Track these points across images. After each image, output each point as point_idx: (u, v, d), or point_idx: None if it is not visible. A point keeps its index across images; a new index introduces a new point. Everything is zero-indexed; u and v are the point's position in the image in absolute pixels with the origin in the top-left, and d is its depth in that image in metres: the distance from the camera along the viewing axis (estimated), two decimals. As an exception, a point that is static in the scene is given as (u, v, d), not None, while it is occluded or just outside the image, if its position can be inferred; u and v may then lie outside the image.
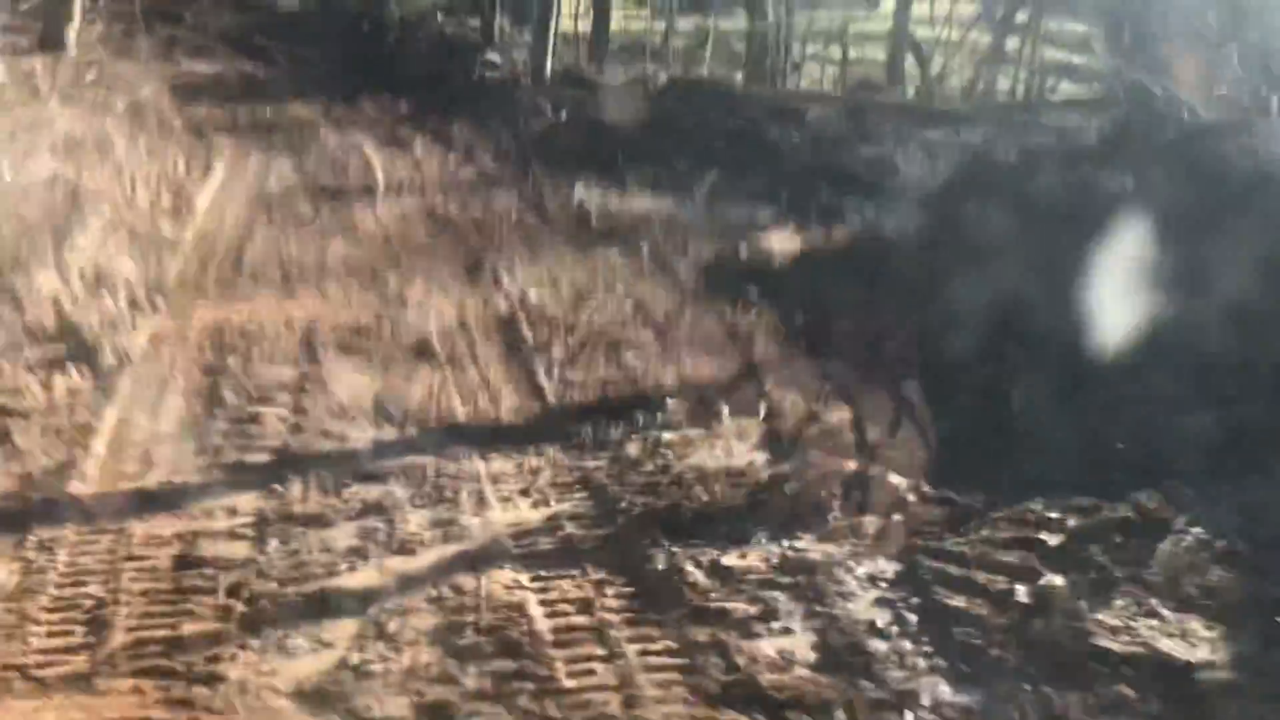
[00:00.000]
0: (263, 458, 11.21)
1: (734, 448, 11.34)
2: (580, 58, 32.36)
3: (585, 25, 33.81)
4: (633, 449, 11.35)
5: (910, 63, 34.98)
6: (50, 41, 26.66)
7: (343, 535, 9.68)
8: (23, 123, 20.65)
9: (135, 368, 12.91)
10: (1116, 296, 12.23)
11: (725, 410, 11.93)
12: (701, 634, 8.11)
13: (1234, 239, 12.62)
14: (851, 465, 10.79)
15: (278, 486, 10.50)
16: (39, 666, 7.68)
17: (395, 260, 17.39)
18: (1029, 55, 36.76)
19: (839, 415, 11.84)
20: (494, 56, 29.98)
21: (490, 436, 11.65)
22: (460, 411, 11.95)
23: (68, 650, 7.92)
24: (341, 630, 8.20)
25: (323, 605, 8.53)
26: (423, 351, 13.57)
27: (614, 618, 8.43)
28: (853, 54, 35.41)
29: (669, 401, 12.11)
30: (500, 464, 11.09)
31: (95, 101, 23.36)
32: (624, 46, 34.34)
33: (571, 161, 23.58)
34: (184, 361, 13.21)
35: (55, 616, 8.33)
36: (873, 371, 12.15)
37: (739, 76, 33.28)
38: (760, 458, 11.15)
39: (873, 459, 10.93)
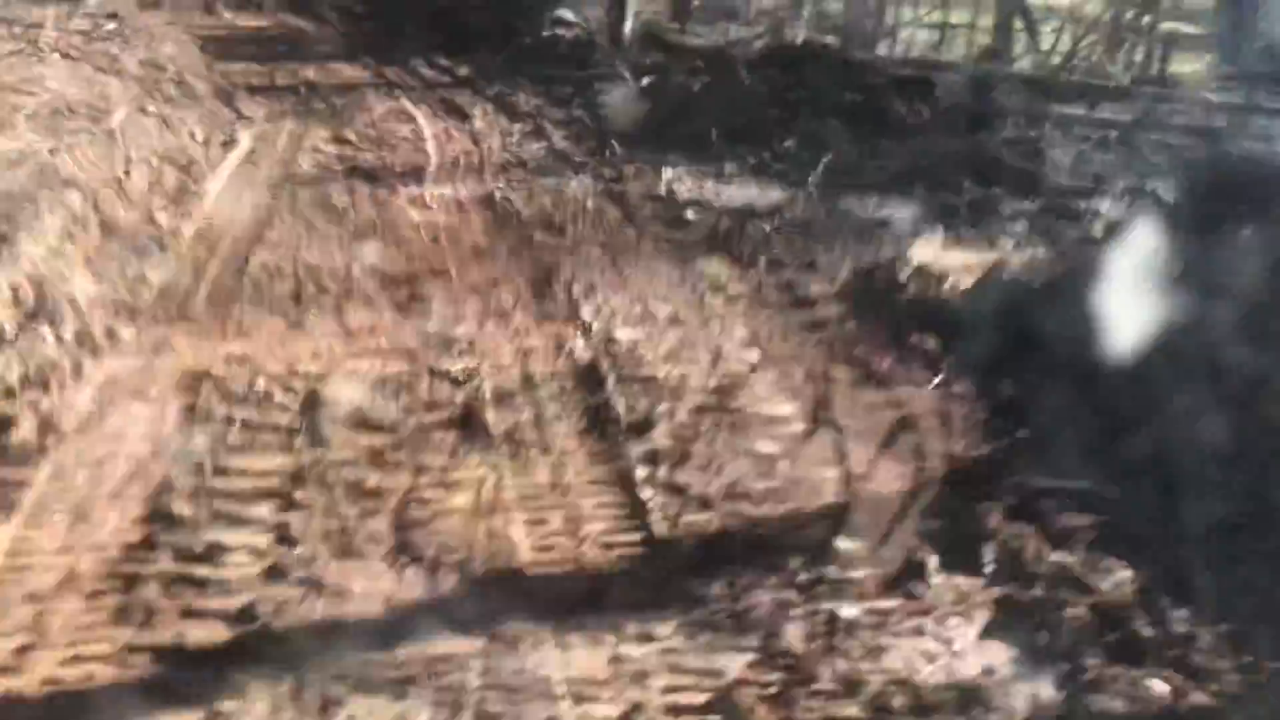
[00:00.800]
0: (215, 632, 6.76)
1: (955, 637, 6.75)
2: (660, 17, 27.53)
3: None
4: (794, 635, 6.78)
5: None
6: (69, -11, 22.23)
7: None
8: (4, 84, 16.22)
9: (62, 450, 8.47)
10: None
11: (932, 561, 7.32)
12: None
13: None
14: (1162, 689, 6.17)
15: (225, 708, 6.06)
16: None
17: (442, 272, 12.86)
18: (1147, 25, 31.64)
19: (1118, 578, 7.16)
20: (566, 13, 25.20)
21: (569, 598, 7.12)
22: (523, 545, 7.38)
23: None
24: None
25: None
26: (468, 426, 9.05)
27: None
28: (954, 18, 30.47)
29: (841, 543, 7.50)
30: (586, 659, 6.57)
31: (104, 59, 18.87)
32: (707, 5, 29.45)
33: (656, 139, 18.94)
34: (135, 438, 8.75)
35: None
36: (1167, 503, 7.44)
37: (835, 41, 28.26)
38: (1003, 658, 6.56)
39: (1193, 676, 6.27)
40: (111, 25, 20.87)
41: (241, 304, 11.61)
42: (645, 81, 21.96)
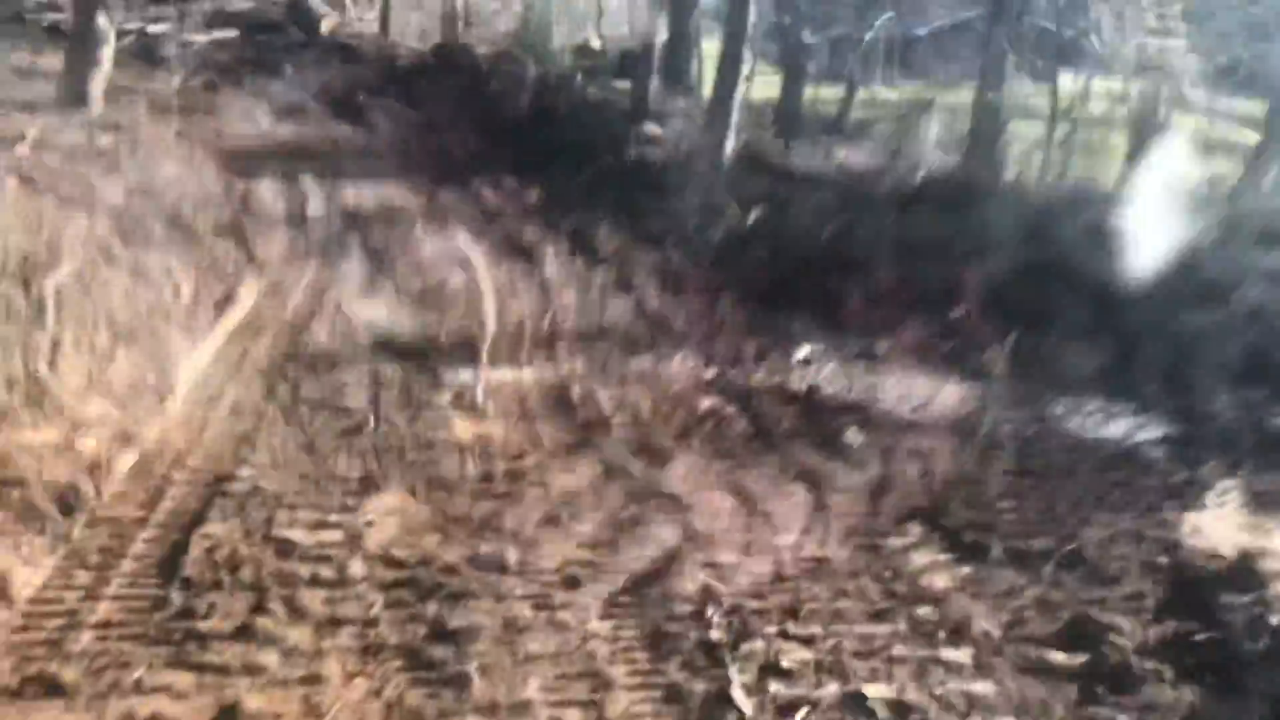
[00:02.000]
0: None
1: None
2: (761, 132, 22.42)
3: (762, 90, 23.76)
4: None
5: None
6: (70, 96, 17.35)
7: None
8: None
9: None
10: None
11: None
12: None
13: None
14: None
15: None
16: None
17: (497, 555, 7.60)
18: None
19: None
20: (653, 128, 20.05)
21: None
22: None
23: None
24: None
25: None
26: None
27: None
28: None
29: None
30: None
31: (76, 187, 13.88)
32: (811, 117, 24.33)
33: (778, 296, 13.69)
34: None
35: None
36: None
37: (948, 159, 22.95)
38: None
39: None
40: (107, 139, 15.91)
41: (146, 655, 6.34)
42: (754, 216, 16.74)
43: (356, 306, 12.76)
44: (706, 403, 10.67)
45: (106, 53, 17.53)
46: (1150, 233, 13.34)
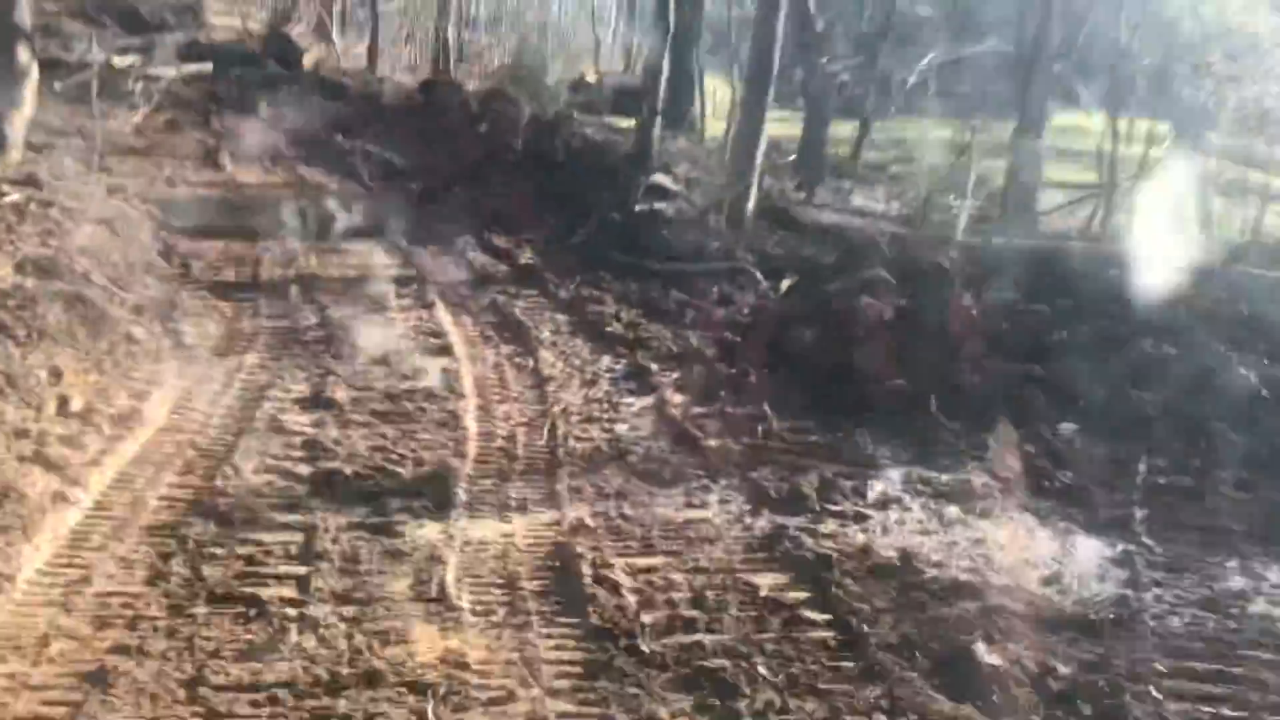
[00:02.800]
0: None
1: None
2: (778, 179, 19.07)
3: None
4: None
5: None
6: (-14, 138, 13.93)
7: None
8: None
9: None
10: None
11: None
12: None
13: None
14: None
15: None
16: None
17: None
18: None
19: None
20: (661, 178, 16.63)
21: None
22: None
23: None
24: None
25: None
26: None
27: None
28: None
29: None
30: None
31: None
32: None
33: (831, 394, 10.32)
34: None
35: None
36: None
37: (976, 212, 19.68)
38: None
39: None
40: (14, 196, 12.46)
41: None
42: (786, 285, 13.36)
43: (300, 419, 9.31)
44: (766, 584, 7.25)
45: (28, 91, 14.08)
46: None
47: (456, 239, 15.43)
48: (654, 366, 11.10)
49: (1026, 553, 7.88)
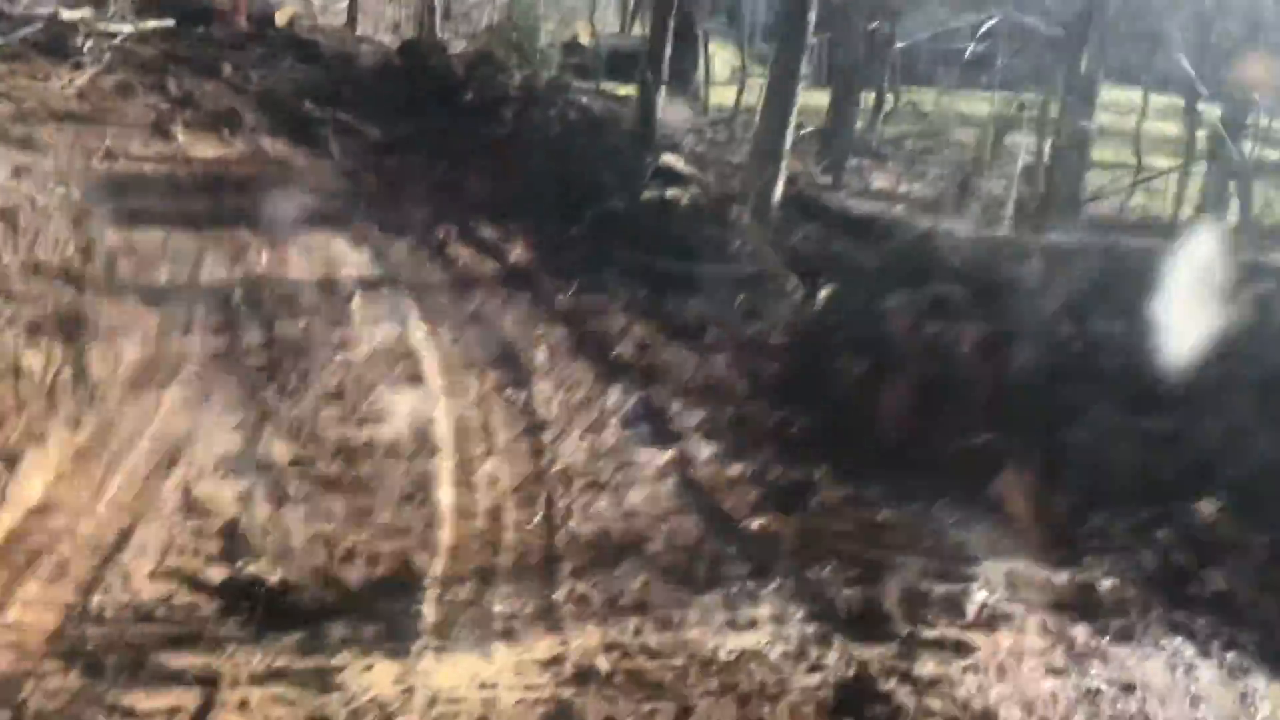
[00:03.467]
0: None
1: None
2: (800, 162, 16.42)
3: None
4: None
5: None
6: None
7: None
8: None
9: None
10: None
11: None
12: None
13: None
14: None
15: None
16: None
17: None
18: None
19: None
20: (672, 159, 14.07)
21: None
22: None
23: None
24: None
25: None
26: None
27: None
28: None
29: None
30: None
31: None
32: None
33: (905, 459, 7.88)
34: None
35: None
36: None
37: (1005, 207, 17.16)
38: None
39: None
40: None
41: None
42: (824, 293, 10.91)
43: (222, 493, 6.84)
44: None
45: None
46: None
47: (436, 228, 12.88)
48: (674, 406, 8.66)
49: (1197, 711, 5.50)
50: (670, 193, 12.97)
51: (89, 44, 19.05)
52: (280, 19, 23.23)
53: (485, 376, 9.12)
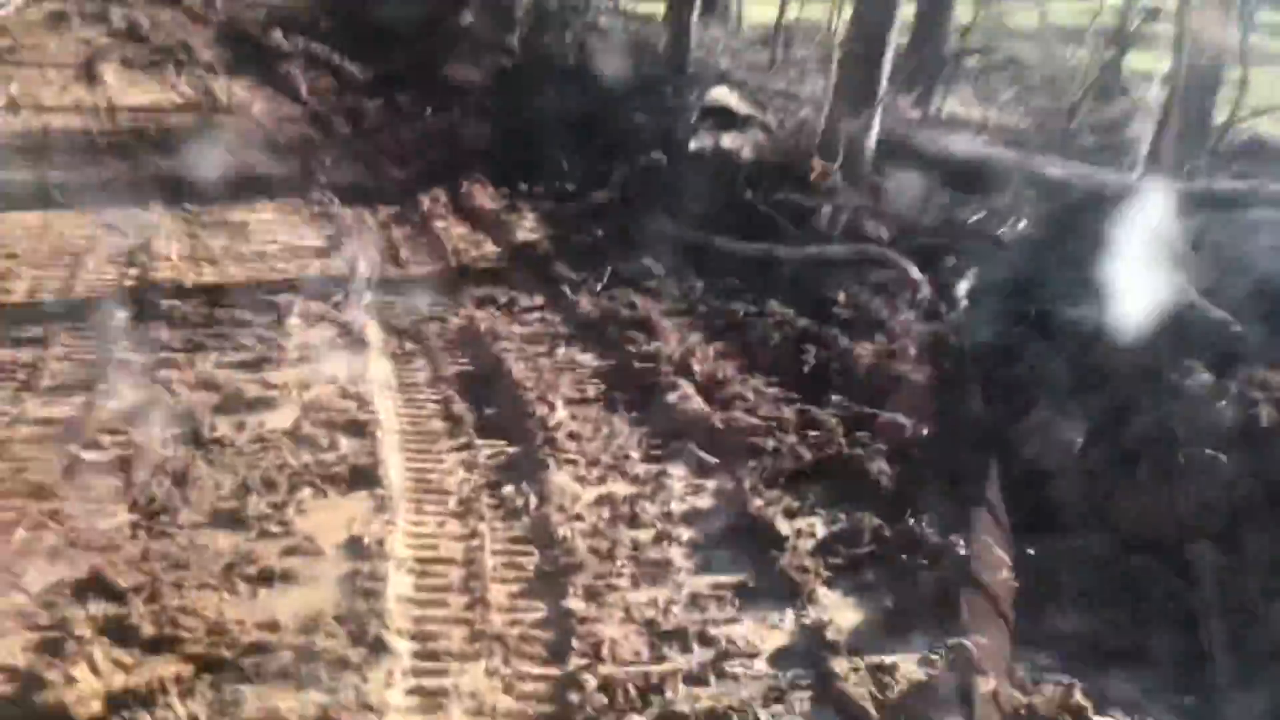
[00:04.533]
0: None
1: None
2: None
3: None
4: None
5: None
6: None
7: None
8: None
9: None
10: None
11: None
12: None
13: None
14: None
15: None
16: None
17: None
18: None
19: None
20: (727, 96, 10.04)
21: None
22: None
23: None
24: None
25: None
26: None
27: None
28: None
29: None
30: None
31: None
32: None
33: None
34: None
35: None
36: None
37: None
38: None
39: None
40: None
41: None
42: (964, 287, 7.02)
43: None
44: None
45: None
46: None
47: (419, 194, 9.03)
48: (779, 521, 4.89)
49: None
50: (727, 141, 9.01)
51: (27, -31, 15.04)
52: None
53: (474, 452, 5.39)
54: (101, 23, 13.76)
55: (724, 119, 9.69)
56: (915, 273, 7.06)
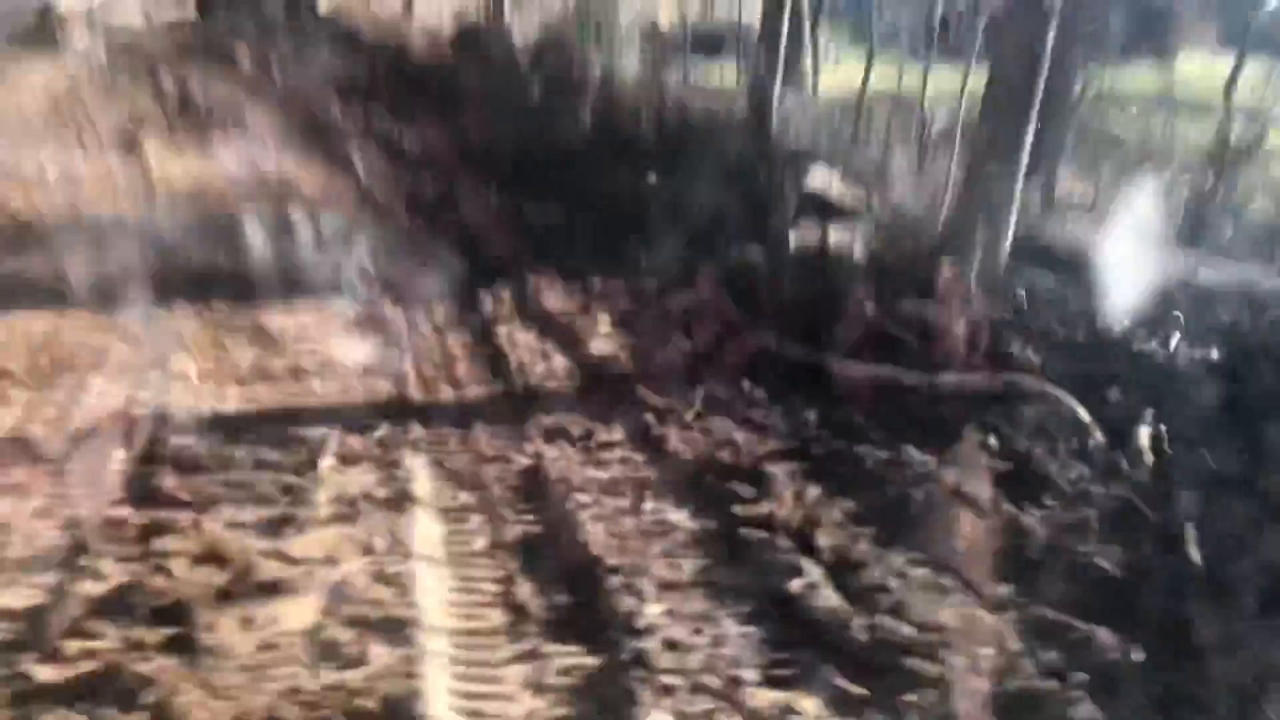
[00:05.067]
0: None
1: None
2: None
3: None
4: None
5: None
6: None
7: None
8: None
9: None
10: None
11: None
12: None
13: None
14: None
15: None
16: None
17: None
18: None
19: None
20: (827, 179, 8.72)
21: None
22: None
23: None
24: None
25: None
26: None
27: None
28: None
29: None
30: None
31: None
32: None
33: None
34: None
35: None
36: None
37: None
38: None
39: None
40: None
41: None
42: (1144, 437, 5.52)
43: None
44: None
45: None
46: None
47: (481, 289, 7.80)
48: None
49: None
50: (835, 235, 7.67)
51: (85, 40, 14.29)
52: (324, 4, 18.28)
53: (539, 678, 4.01)
54: (152, 88, 12.87)
55: (824, 207, 8.36)
56: (1083, 413, 5.61)
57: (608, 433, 5.96)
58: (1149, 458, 5.30)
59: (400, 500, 5.10)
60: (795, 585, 4.56)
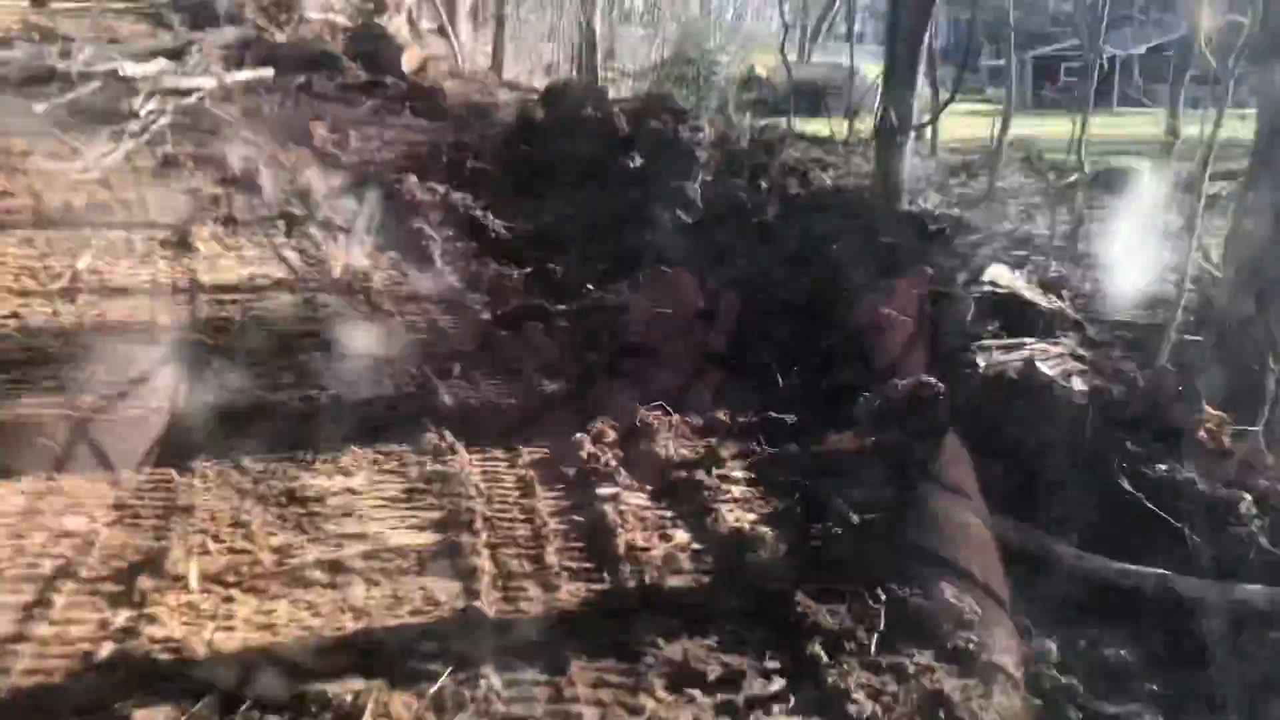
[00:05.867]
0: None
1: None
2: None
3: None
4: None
5: None
6: None
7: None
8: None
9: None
10: None
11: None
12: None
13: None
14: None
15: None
16: None
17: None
18: None
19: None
20: (1007, 276, 6.70)
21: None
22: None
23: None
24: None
25: None
26: None
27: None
28: None
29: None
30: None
31: None
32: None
33: None
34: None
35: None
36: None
37: None
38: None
39: None
40: None
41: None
42: None
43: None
44: None
45: None
46: None
47: (575, 423, 5.99)
48: None
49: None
50: (1041, 361, 5.66)
51: (148, 107, 13.05)
52: (408, 63, 16.96)
53: None
54: (216, 169, 11.48)
55: (1009, 311, 6.36)
56: None
57: (759, 677, 4.05)
58: None
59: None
60: None
